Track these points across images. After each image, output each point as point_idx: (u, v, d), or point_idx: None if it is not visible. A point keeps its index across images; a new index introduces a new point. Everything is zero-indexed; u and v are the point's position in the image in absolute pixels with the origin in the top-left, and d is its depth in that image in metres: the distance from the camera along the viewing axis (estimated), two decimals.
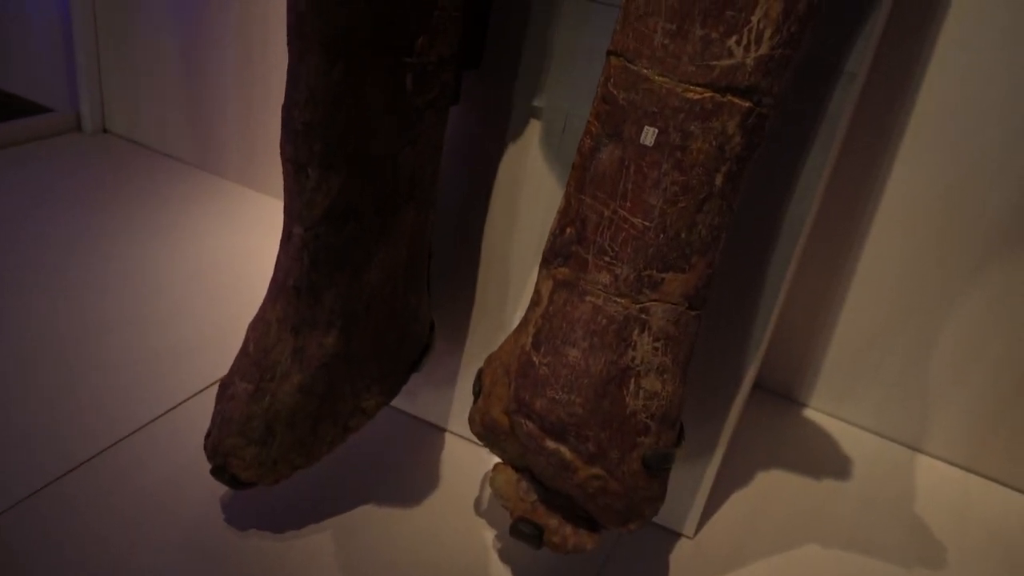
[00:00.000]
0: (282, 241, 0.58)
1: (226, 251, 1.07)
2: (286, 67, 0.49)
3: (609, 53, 0.51)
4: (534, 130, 0.70)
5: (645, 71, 0.49)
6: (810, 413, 0.96)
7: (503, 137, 0.71)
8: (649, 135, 0.50)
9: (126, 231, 1.07)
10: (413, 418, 0.83)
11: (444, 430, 0.83)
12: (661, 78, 0.49)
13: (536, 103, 0.69)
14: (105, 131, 1.35)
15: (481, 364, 0.79)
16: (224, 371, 0.84)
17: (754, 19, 0.46)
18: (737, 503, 0.79)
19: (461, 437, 0.82)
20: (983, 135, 0.78)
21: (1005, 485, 0.88)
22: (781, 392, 0.98)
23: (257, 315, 0.62)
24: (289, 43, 0.50)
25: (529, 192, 0.72)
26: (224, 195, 1.23)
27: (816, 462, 0.88)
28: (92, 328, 0.88)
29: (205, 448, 0.63)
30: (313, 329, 0.59)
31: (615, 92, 0.50)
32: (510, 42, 0.69)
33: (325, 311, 0.58)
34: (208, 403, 0.80)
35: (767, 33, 0.47)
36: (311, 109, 0.50)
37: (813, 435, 0.92)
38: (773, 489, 0.82)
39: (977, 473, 0.89)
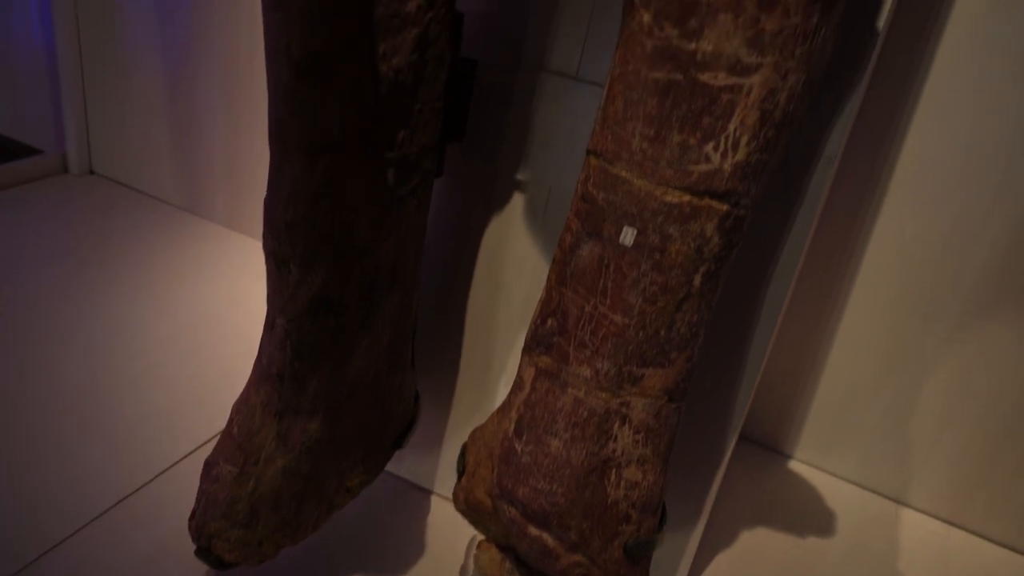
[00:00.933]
0: (265, 328, 0.58)
1: (214, 300, 1.07)
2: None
3: (588, 152, 0.52)
4: (518, 202, 0.71)
5: (624, 173, 0.49)
6: (795, 465, 0.96)
7: (487, 208, 0.72)
8: (628, 235, 0.50)
9: (113, 281, 1.07)
10: (400, 479, 0.83)
11: (430, 492, 0.83)
12: (640, 181, 0.49)
13: (519, 176, 0.69)
14: (92, 172, 1.35)
15: (466, 429, 0.79)
16: (210, 432, 0.85)
17: (731, 127, 0.47)
18: (723, 562, 0.80)
19: (447, 499, 0.82)
20: (964, 195, 0.79)
21: (987, 539, 0.89)
22: (766, 443, 0.98)
23: (241, 396, 0.62)
24: (271, 145, 0.50)
25: (513, 262, 0.72)
26: (211, 238, 1.23)
27: (801, 516, 0.88)
28: (73, 388, 0.88)
29: (190, 529, 0.63)
30: (297, 415, 0.59)
31: (594, 192, 0.51)
32: (493, 116, 0.69)
33: (309, 397, 0.58)
34: (193, 467, 0.80)
35: (744, 140, 0.47)
36: (293, 209, 0.51)
37: (798, 488, 0.93)
38: (758, 545, 0.82)
39: (960, 527, 0.90)
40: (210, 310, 1.05)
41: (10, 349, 0.91)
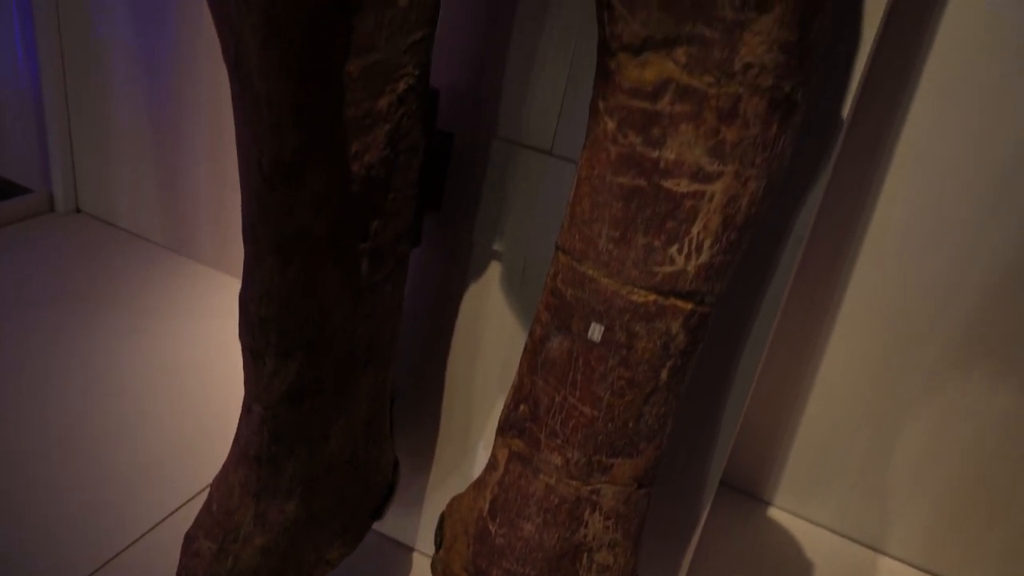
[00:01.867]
0: (243, 411, 0.59)
1: (201, 344, 1.08)
2: None
3: (557, 248, 0.53)
4: (494, 270, 0.71)
5: (591, 272, 0.50)
6: (775, 512, 0.97)
7: (464, 276, 0.73)
8: (596, 332, 0.51)
9: (101, 326, 1.07)
10: (381, 536, 0.84)
11: (411, 549, 0.84)
12: (607, 280, 0.50)
13: (495, 246, 0.70)
14: (78, 211, 1.35)
15: (447, 487, 0.80)
16: (195, 489, 0.85)
17: (694, 231, 0.48)
18: None
19: (427, 556, 0.83)
20: (937, 255, 0.80)
21: None
22: (746, 490, 0.99)
23: (221, 473, 0.63)
24: (244, 243, 0.51)
25: (492, 328, 0.73)
26: (197, 279, 1.23)
27: (780, 565, 0.89)
28: (56, 440, 0.88)
29: None
30: (274, 497, 0.60)
31: (563, 288, 0.52)
32: (470, 187, 0.70)
33: (286, 479, 0.59)
34: (177, 526, 0.81)
35: (707, 243, 0.48)
36: (267, 305, 0.52)
37: (777, 536, 0.94)
38: None
39: (936, 575, 0.91)
40: (197, 355, 1.06)
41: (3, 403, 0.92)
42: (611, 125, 0.48)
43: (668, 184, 0.47)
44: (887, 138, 0.78)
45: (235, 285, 1.24)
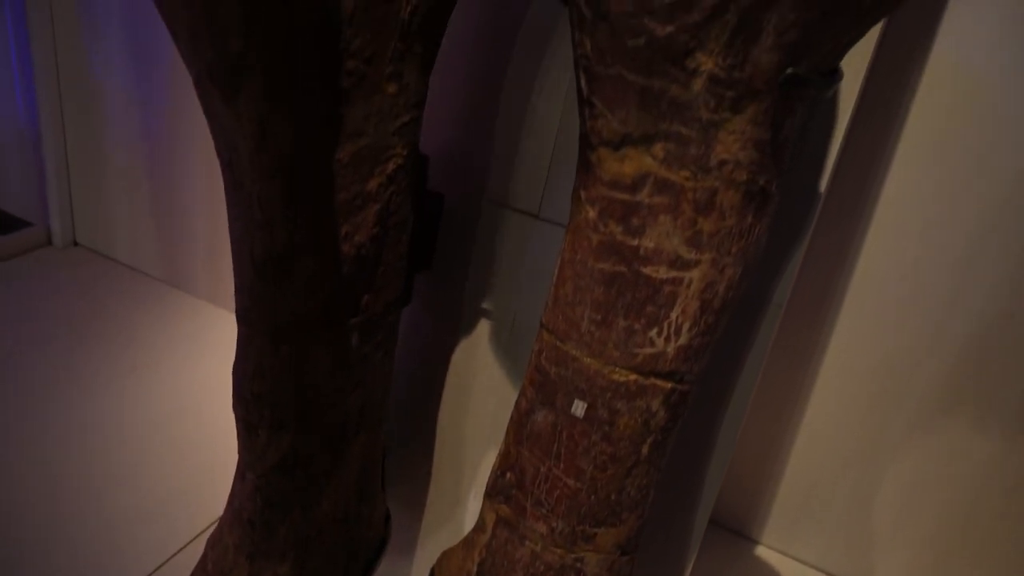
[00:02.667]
0: (237, 475, 0.60)
1: (198, 382, 1.09)
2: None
3: (542, 325, 0.54)
4: (484, 328, 0.73)
5: (574, 352, 0.52)
6: (762, 551, 0.99)
7: (454, 333, 0.74)
8: (579, 408, 0.53)
9: (99, 365, 1.09)
10: None
11: None
12: (589, 359, 0.52)
13: (485, 305, 0.72)
14: (75, 244, 1.37)
15: (439, 535, 0.82)
16: (194, 532, 0.87)
17: (673, 315, 0.50)
18: None
19: None
20: (917, 309, 0.82)
21: None
22: (735, 528, 1.01)
23: (215, 533, 0.64)
24: (237, 322, 0.53)
25: (481, 382, 0.75)
26: (193, 314, 1.25)
27: None
28: (52, 480, 0.90)
29: None
30: (268, 559, 0.61)
31: (547, 366, 0.53)
32: (459, 247, 0.72)
33: (279, 542, 0.61)
34: (174, 572, 0.82)
35: (686, 326, 0.50)
36: (260, 382, 0.53)
37: (765, 573, 0.96)
38: None
39: None
40: (195, 393, 1.07)
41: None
42: (592, 214, 0.49)
43: (647, 271, 0.49)
44: (866, 201, 0.79)
45: (228, 319, 1.25)
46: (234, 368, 0.55)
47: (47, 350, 1.10)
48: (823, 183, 0.59)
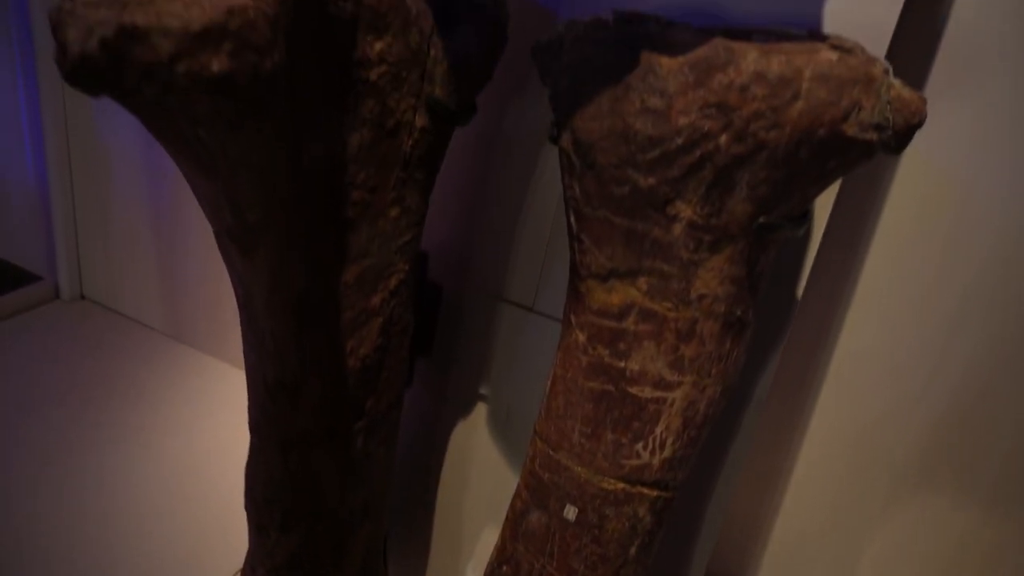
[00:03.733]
0: (247, 568, 0.64)
1: (205, 440, 1.12)
2: None
3: (535, 433, 0.58)
4: (481, 411, 0.76)
5: (566, 461, 0.55)
6: None
7: (453, 415, 0.78)
8: (571, 512, 0.56)
9: (105, 423, 1.12)
10: None
11: None
12: (579, 468, 0.55)
13: (482, 390, 0.75)
14: (83, 297, 1.40)
15: None
16: None
17: (658, 430, 0.53)
18: None
19: None
20: (897, 384, 0.85)
21: None
22: None
23: None
24: (250, 433, 0.56)
25: (478, 462, 0.78)
26: (196, 368, 1.28)
27: None
28: (60, 541, 0.92)
29: None
30: None
31: (541, 472, 0.57)
32: (458, 335, 0.75)
33: None
34: None
35: (669, 441, 0.53)
36: (270, 488, 0.56)
37: None
38: None
39: None
40: (201, 452, 1.10)
41: (3, 495, 0.96)
42: (582, 338, 0.53)
43: (633, 390, 0.52)
44: (844, 286, 0.83)
45: (231, 373, 1.28)
46: (246, 472, 0.59)
47: (56, 406, 1.12)
48: (800, 288, 0.63)
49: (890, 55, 0.58)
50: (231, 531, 0.98)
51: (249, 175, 0.38)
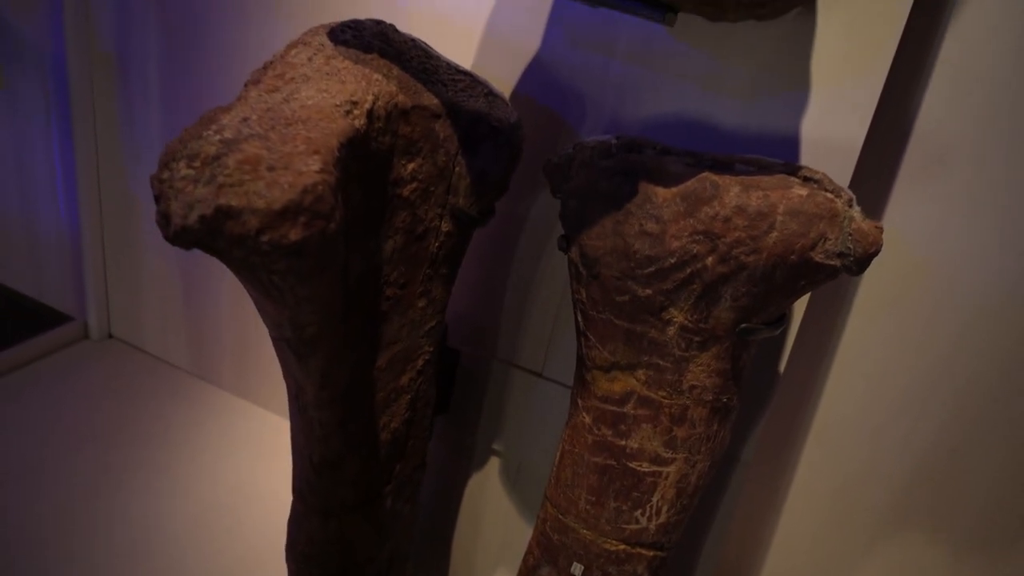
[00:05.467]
0: None
1: (230, 480, 1.19)
2: None
3: (546, 498, 0.65)
4: (494, 465, 0.84)
5: (573, 524, 0.63)
6: None
7: (468, 467, 0.85)
8: (578, 569, 0.63)
9: (135, 466, 1.19)
10: None
11: None
12: (585, 531, 0.62)
13: (495, 446, 0.83)
14: (110, 336, 1.48)
15: None
16: None
17: (654, 499, 0.60)
18: None
19: None
20: (876, 439, 0.93)
21: None
22: None
23: None
24: (294, 499, 0.63)
25: (491, 512, 0.85)
26: (221, 407, 1.35)
27: None
28: None
29: None
30: None
31: (551, 533, 0.64)
32: (473, 395, 0.82)
33: None
34: None
35: (664, 508, 0.61)
36: (310, 547, 0.64)
37: None
38: None
39: None
40: (223, 489, 1.17)
41: (36, 538, 1.03)
42: (588, 419, 0.60)
43: (633, 465, 0.60)
44: (826, 351, 0.90)
45: (254, 412, 1.36)
46: (289, 528, 0.66)
47: (86, 445, 1.19)
48: (782, 364, 0.70)
49: (864, 153, 0.66)
50: (256, 567, 1.04)
51: (311, 305, 0.46)
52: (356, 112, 0.51)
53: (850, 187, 0.66)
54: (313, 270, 0.42)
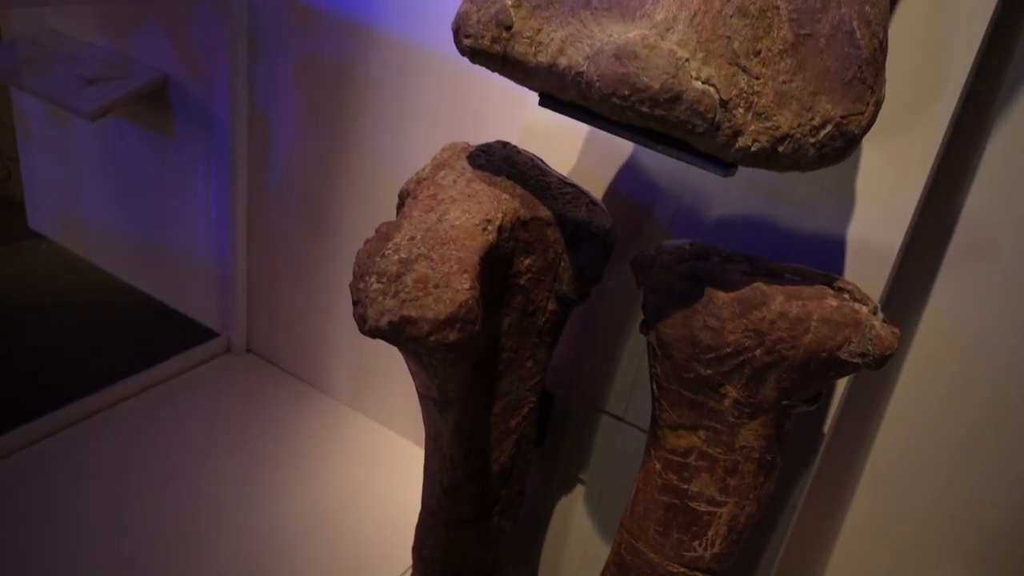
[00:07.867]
0: None
1: (348, 486, 1.38)
2: None
3: (622, 526, 0.81)
4: (579, 492, 1.00)
5: (643, 548, 0.78)
6: None
7: (557, 493, 1.01)
8: None
9: (269, 469, 1.39)
10: None
11: None
12: (653, 555, 0.78)
13: (581, 476, 0.99)
14: (248, 351, 1.70)
15: None
16: None
17: (709, 534, 0.75)
18: None
19: None
20: (922, 485, 1.04)
21: None
22: None
23: None
24: (423, 512, 0.81)
25: (575, 532, 1.01)
26: (338, 418, 1.55)
27: None
28: None
29: None
30: None
31: (625, 555, 0.80)
32: (564, 432, 0.98)
33: None
34: None
35: (718, 541, 0.75)
36: (435, 551, 0.81)
37: None
38: None
39: None
40: (344, 494, 1.36)
41: (188, 531, 1.23)
42: (658, 466, 0.76)
43: (693, 505, 0.75)
44: (875, 410, 1.03)
45: (369, 425, 1.55)
46: (417, 533, 0.84)
47: (226, 455, 1.40)
48: (827, 424, 0.84)
49: (914, 240, 0.79)
50: (372, 562, 1.22)
51: (455, 379, 0.63)
52: (490, 228, 0.68)
53: (900, 268, 0.79)
54: (461, 358, 0.60)
